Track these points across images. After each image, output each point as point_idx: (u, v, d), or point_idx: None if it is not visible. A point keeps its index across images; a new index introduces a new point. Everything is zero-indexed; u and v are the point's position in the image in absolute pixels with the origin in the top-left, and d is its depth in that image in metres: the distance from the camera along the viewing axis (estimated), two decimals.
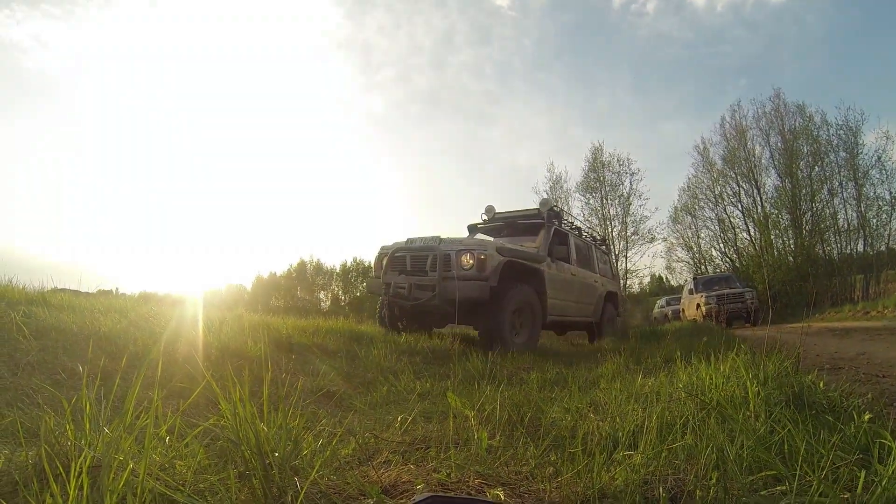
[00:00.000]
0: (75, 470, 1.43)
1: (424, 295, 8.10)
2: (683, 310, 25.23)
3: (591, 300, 11.55)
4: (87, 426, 1.75)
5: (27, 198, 77.52)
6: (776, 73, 66.43)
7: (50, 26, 74.78)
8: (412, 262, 8.53)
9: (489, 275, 7.90)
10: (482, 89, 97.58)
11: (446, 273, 7.88)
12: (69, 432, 1.73)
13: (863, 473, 1.65)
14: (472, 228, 11.32)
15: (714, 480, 1.68)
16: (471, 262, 7.83)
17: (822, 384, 3.20)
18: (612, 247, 36.12)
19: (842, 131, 31.53)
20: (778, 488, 1.72)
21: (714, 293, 22.16)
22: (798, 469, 1.68)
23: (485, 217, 11.25)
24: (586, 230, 13.79)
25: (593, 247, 12.82)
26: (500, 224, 10.87)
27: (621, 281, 38.10)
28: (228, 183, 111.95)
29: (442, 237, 8.47)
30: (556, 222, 10.63)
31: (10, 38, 71.70)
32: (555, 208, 10.90)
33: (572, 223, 12.14)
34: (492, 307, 8.05)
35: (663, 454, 1.92)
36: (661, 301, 33.06)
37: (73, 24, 75.34)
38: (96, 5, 78.28)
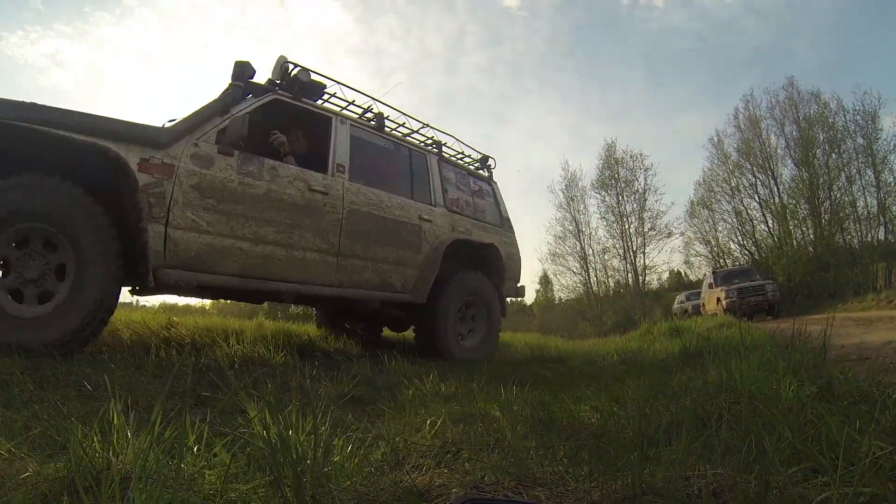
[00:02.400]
0: (107, 482, 1.41)
1: None
2: (703, 304, 25.04)
3: (388, 252, 6.27)
4: (116, 438, 1.74)
5: None
6: (789, 62, 65.94)
7: (64, 46, 75.73)
8: None
9: None
10: (495, 90, 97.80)
11: None
12: (97, 444, 1.72)
13: None
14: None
15: (754, 474, 1.64)
16: None
17: (850, 375, 3.15)
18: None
19: (858, 117, 31.38)
20: (819, 479, 1.69)
21: (734, 286, 21.96)
22: (840, 459, 1.64)
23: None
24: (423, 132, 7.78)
25: (432, 158, 7.43)
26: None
27: (638, 276, 38.07)
28: None
29: None
30: (280, 83, 5.82)
31: (25, 59, 72.84)
32: (289, 65, 5.84)
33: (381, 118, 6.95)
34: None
35: (700, 449, 1.88)
36: (681, 296, 32.84)
37: (86, 43, 76.15)
38: (108, 23, 79.29)
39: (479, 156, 8.68)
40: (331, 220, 5.67)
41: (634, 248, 38.73)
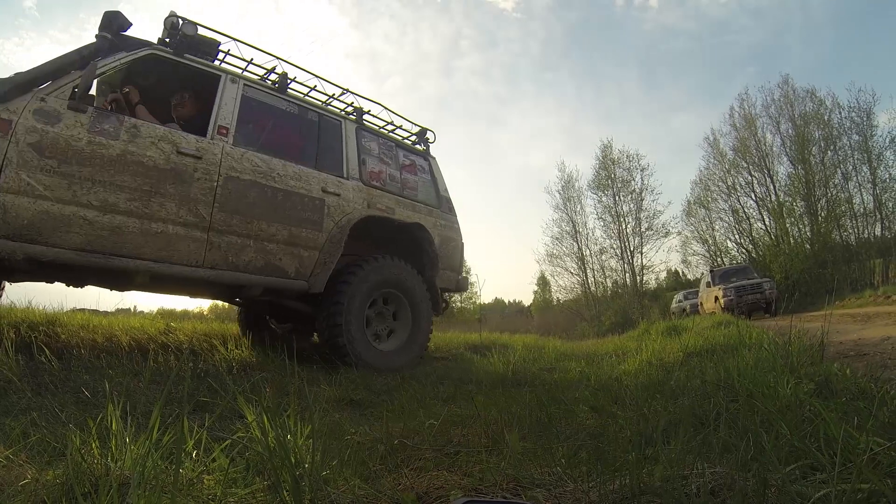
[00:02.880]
0: (105, 488, 1.41)
1: None
2: (701, 303, 25.05)
3: (277, 229, 5.31)
4: (114, 443, 1.74)
5: None
6: (784, 60, 65.98)
7: (59, 52, 75.70)
8: None
9: None
10: (491, 92, 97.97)
11: None
12: (95, 450, 1.72)
13: None
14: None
15: (753, 472, 1.65)
16: None
17: (848, 371, 3.16)
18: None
19: (854, 113, 31.44)
20: (817, 477, 1.69)
21: (732, 285, 21.92)
22: (838, 456, 1.64)
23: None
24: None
25: (348, 125, 6.43)
26: None
27: (635, 276, 38.11)
28: None
29: None
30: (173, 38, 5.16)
31: (20, 65, 72.56)
32: (178, 20, 5.15)
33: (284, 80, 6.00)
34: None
35: (698, 448, 1.89)
36: (679, 295, 32.86)
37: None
38: None
39: (417, 129, 7.58)
40: (202, 189, 4.80)
41: (632, 248, 38.81)
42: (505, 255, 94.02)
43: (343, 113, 6.62)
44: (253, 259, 5.13)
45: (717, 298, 22.11)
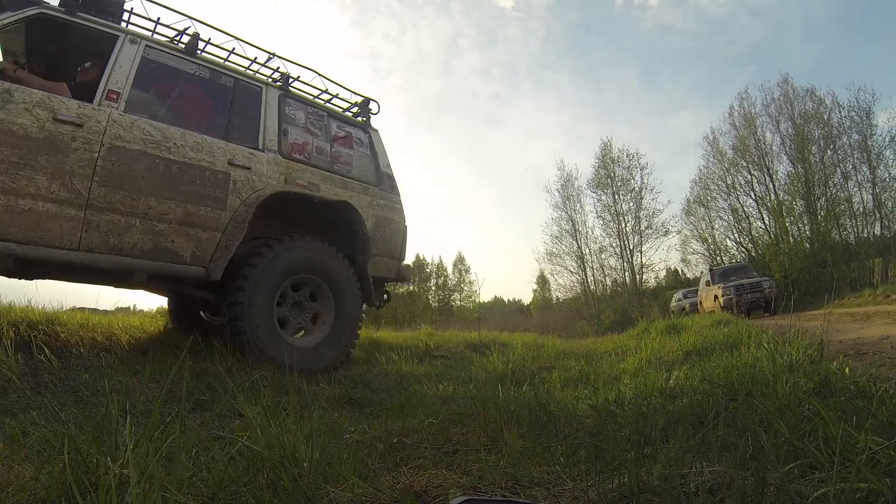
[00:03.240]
0: (104, 487, 1.41)
1: None
2: (701, 302, 25.02)
3: (170, 207, 4.72)
4: (113, 442, 1.74)
5: None
6: (784, 59, 66.14)
7: None
8: None
9: None
10: (490, 91, 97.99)
11: None
12: (94, 449, 1.72)
13: None
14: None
15: (751, 471, 1.65)
16: None
17: (847, 370, 3.16)
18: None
19: (853, 113, 31.38)
20: (816, 476, 1.69)
21: (731, 283, 21.90)
22: (837, 455, 1.65)
23: None
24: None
25: (271, 92, 5.76)
26: None
27: (635, 275, 38.13)
28: None
29: None
30: None
31: None
32: None
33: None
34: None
35: (697, 447, 1.89)
36: (678, 294, 32.84)
37: None
38: None
39: (360, 99, 6.77)
40: (79, 161, 4.25)
41: (631, 247, 38.79)
42: (504, 253, 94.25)
43: (267, 79, 5.95)
44: (139, 241, 4.54)
45: (716, 297, 22.08)
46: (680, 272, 46.99)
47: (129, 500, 1.39)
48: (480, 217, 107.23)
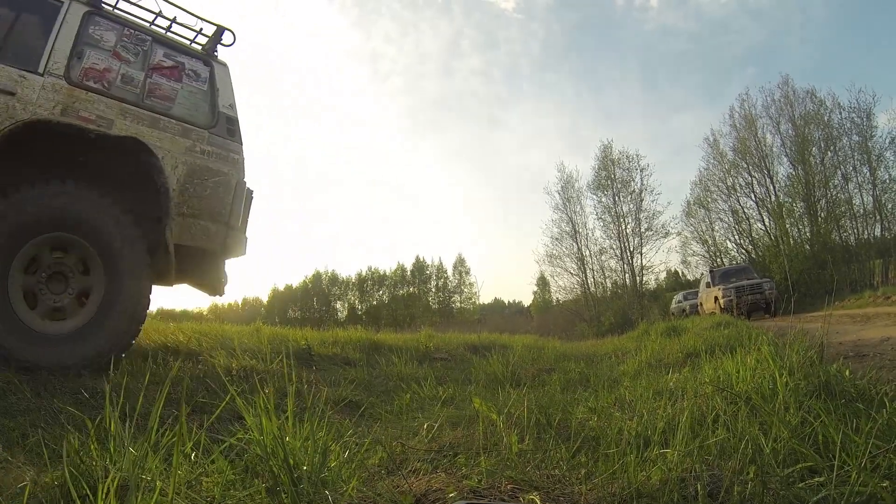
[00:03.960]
0: (102, 491, 1.41)
1: None
2: (701, 303, 24.98)
3: None
4: (112, 445, 1.74)
5: None
6: (784, 60, 66.33)
7: None
8: None
9: None
10: (491, 93, 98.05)
11: None
12: (94, 452, 1.72)
13: None
14: None
15: (751, 475, 1.65)
16: None
17: (847, 372, 3.16)
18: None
19: (854, 114, 31.38)
20: (815, 479, 1.69)
21: (732, 285, 21.80)
22: (837, 459, 1.65)
23: None
24: None
25: (73, 7, 4.57)
26: None
27: (635, 277, 38.13)
28: None
29: None
30: None
31: None
32: None
33: None
34: None
35: (696, 450, 1.89)
36: (679, 296, 32.82)
37: None
38: None
39: (213, 28, 5.55)
40: None
41: (631, 249, 38.78)
42: (505, 255, 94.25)
43: None
44: None
45: (716, 299, 22.03)
46: (680, 274, 47.06)
47: None
48: (481, 218, 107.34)
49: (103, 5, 4.86)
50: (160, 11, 5.27)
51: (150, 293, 4.76)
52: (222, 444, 1.91)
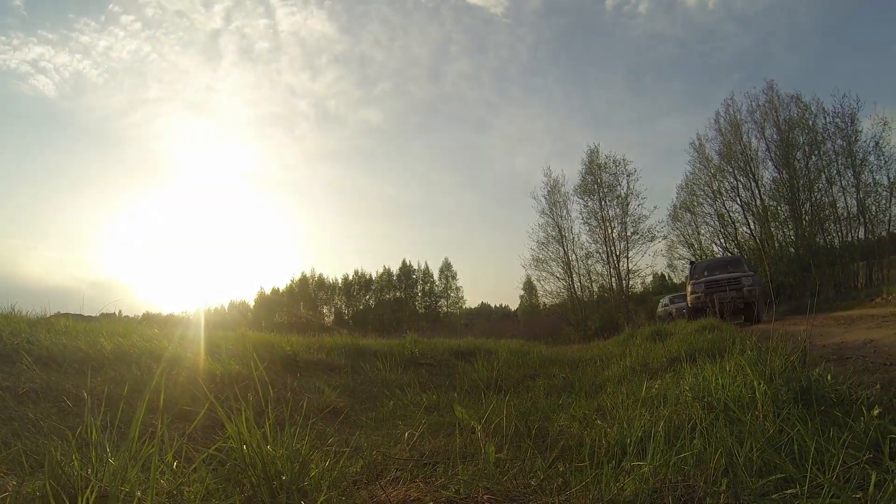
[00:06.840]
0: (82, 502, 1.42)
1: None
2: (688, 302, 23.84)
3: None
4: (94, 455, 1.74)
5: (26, 222, 78.23)
6: (769, 66, 66.80)
7: (47, 52, 75.34)
8: None
9: None
10: (479, 97, 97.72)
11: None
12: (75, 462, 1.72)
13: (874, 473, 1.64)
14: None
15: (724, 486, 1.67)
16: None
17: (829, 377, 3.18)
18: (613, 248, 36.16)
19: (838, 119, 31.62)
20: (788, 491, 1.71)
21: (702, 280, 17.57)
22: (808, 471, 1.67)
23: None
24: None
25: None
26: None
27: (622, 280, 38.23)
28: (230, 199, 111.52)
29: None
30: None
31: (7, 65, 71.81)
32: None
33: None
34: None
35: (672, 461, 1.91)
36: (665, 299, 32.81)
37: (70, 49, 75.52)
38: (93, 30, 78.35)
39: None
40: None
41: (618, 253, 38.78)
42: (492, 259, 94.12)
43: None
44: None
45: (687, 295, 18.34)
46: (666, 277, 47.18)
47: None
48: (468, 223, 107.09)
49: None
50: None
51: None
52: (203, 453, 1.91)
